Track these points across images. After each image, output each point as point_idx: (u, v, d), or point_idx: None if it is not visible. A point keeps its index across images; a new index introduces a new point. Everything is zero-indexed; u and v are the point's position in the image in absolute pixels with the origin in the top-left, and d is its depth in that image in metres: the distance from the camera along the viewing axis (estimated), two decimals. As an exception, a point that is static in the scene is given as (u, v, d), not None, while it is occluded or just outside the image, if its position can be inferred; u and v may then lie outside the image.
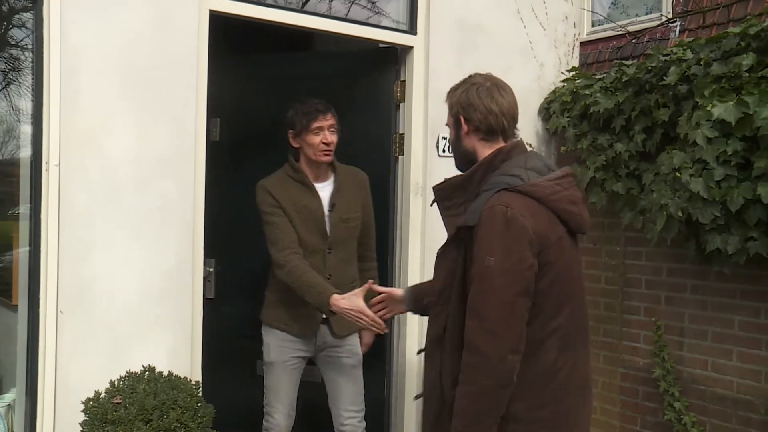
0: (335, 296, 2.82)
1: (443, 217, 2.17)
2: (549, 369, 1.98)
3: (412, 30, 3.71)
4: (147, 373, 2.58)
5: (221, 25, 3.21)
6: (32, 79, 2.75)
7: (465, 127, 2.12)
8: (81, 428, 2.44)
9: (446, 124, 2.23)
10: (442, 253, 2.13)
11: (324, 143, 3.05)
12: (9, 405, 2.91)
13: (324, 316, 3.05)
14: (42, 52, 2.71)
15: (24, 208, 2.92)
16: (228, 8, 3.16)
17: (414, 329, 3.71)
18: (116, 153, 2.87)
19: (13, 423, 2.91)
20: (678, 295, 3.55)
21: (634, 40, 4.11)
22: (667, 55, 3.39)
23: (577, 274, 2.09)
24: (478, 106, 2.09)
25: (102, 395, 2.49)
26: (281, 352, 3.15)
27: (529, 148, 3.93)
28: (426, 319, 3.59)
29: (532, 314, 1.94)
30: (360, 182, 3.26)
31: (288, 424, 3.19)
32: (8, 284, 3.28)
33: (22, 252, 2.96)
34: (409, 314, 3.66)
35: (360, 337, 3.31)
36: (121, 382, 2.52)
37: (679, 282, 3.55)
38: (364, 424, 3.25)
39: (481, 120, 2.09)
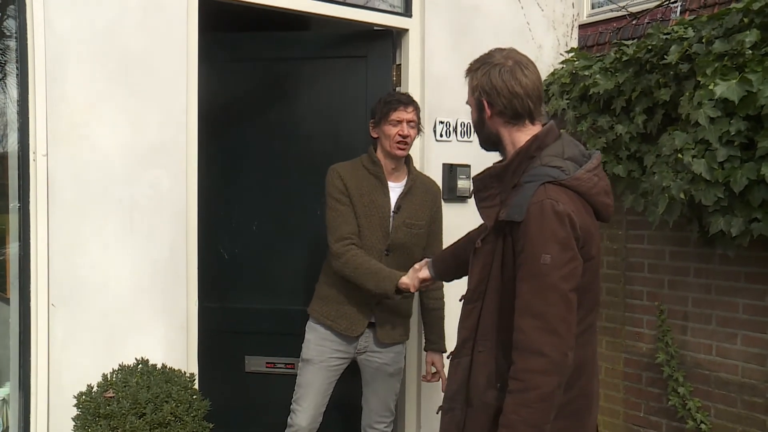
0: (404, 278, 2.76)
1: (479, 209, 2.04)
2: (581, 363, 1.89)
3: (407, 12, 3.64)
4: (140, 366, 2.53)
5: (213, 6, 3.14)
6: (17, 67, 2.68)
7: (488, 111, 1.99)
8: (74, 423, 2.40)
9: (467, 103, 2.09)
10: (479, 248, 2.00)
11: (400, 135, 2.94)
12: (3, 399, 2.88)
13: (372, 318, 3.00)
14: (26, 39, 2.65)
15: (13, 200, 2.86)
16: (218, -8, 3.09)
17: (413, 325, 3.65)
18: (105, 141, 2.81)
19: (7, 417, 2.87)
20: (681, 278, 3.49)
21: (634, 21, 4.04)
22: (667, 33, 3.32)
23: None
24: (501, 90, 1.95)
25: (95, 389, 2.44)
26: (321, 351, 3.05)
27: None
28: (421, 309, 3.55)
29: None
30: (433, 193, 3.14)
31: (312, 428, 3.07)
32: (2, 276, 3.25)
33: (13, 245, 2.91)
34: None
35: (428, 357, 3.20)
36: (114, 376, 2.47)
37: (682, 265, 3.49)
38: (391, 428, 3.21)
39: (505, 104, 1.95)
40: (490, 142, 2.06)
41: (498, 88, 1.95)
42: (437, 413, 2.15)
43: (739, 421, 3.25)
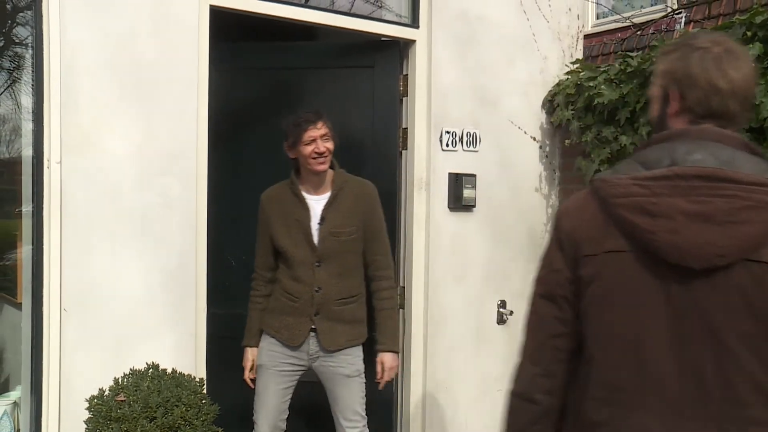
0: (248, 349, 3.16)
1: None
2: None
3: (414, 23, 3.69)
4: (151, 370, 2.57)
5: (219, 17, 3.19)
6: (32, 76, 2.73)
7: (675, 105, 1.57)
8: (85, 426, 2.44)
9: (649, 94, 1.70)
10: None
11: (317, 153, 3.00)
12: (15, 402, 2.92)
13: (313, 326, 3.05)
14: (42, 49, 2.71)
15: (27, 206, 2.91)
16: (229, 3, 3.15)
17: (419, 331, 3.69)
18: (117, 150, 2.86)
19: (18, 421, 2.91)
20: (684, 288, 3.51)
21: (639, 32, 4.08)
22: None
23: (660, 318, 1.47)
24: (698, 80, 1.53)
25: (106, 393, 2.48)
26: (272, 357, 3.11)
27: (535, 143, 3.97)
28: (428, 318, 3.59)
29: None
30: (361, 195, 3.15)
31: None
32: (13, 282, 3.30)
33: (26, 250, 2.96)
34: (414, 311, 3.66)
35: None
36: (125, 380, 2.51)
37: (685, 275, 3.50)
38: None
39: (700, 99, 1.53)
40: None
41: (694, 77, 1.53)
42: None
43: None
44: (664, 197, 1.44)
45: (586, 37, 4.36)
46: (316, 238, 3.04)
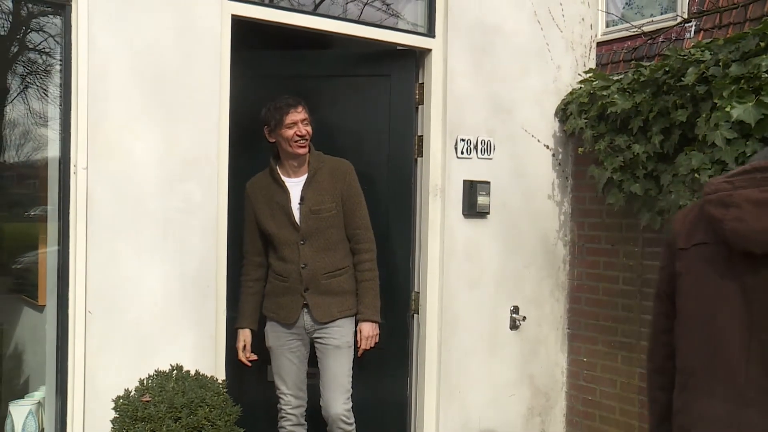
0: (239, 330, 3.41)
1: None
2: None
3: (430, 33, 3.75)
4: (175, 372, 2.62)
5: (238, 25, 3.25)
6: (60, 84, 2.80)
7: None
8: (111, 425, 2.49)
9: None
10: None
11: (298, 135, 3.23)
12: (39, 402, 2.97)
13: (305, 302, 3.27)
14: (70, 58, 2.77)
15: (52, 209, 2.97)
16: (250, 13, 3.21)
17: (433, 336, 3.74)
18: (141, 156, 2.93)
19: (43, 420, 2.97)
20: (696, 295, 3.55)
21: (649, 41, 4.13)
22: (684, 55, 3.41)
23: (733, 307, 1.55)
24: None
25: (132, 393, 2.54)
26: (277, 337, 3.37)
27: (548, 151, 4.03)
28: (442, 323, 3.64)
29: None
30: (337, 172, 3.34)
31: (298, 402, 3.37)
32: (34, 284, 3.35)
33: (50, 252, 3.02)
34: (429, 316, 3.72)
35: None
36: (150, 381, 2.57)
37: (697, 282, 3.55)
38: (348, 405, 3.31)
39: None
40: None
41: None
42: None
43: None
44: (741, 189, 1.51)
45: (597, 44, 4.41)
46: (297, 218, 3.26)
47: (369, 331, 3.37)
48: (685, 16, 4.08)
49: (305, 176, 3.32)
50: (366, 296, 3.36)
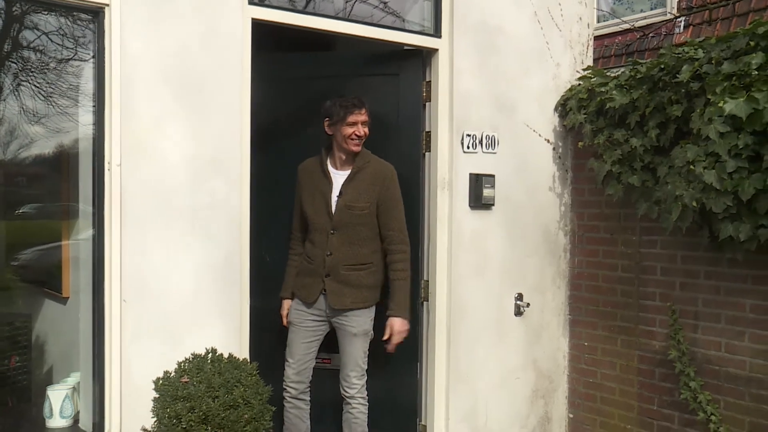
0: (283, 300, 3.70)
1: None
2: None
3: (437, 33, 3.92)
4: (210, 354, 2.79)
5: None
6: (95, 85, 2.96)
7: None
8: (153, 404, 2.66)
9: None
10: None
11: (357, 135, 3.47)
12: (73, 387, 3.14)
13: (324, 288, 3.50)
14: (104, 61, 2.94)
15: (84, 205, 3.13)
16: (269, 16, 3.38)
17: (442, 323, 3.93)
18: (170, 154, 3.09)
19: (78, 403, 3.13)
20: (692, 281, 3.76)
21: (640, 36, 4.29)
22: (679, 54, 3.59)
23: None
24: None
25: (172, 375, 2.70)
26: (298, 315, 3.61)
27: (549, 145, 4.22)
28: (450, 310, 3.82)
29: None
30: (378, 175, 3.54)
31: (298, 379, 3.60)
32: (58, 278, 3.51)
33: (82, 245, 3.18)
34: (438, 304, 3.90)
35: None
36: (187, 363, 2.73)
37: (693, 269, 3.76)
38: (362, 381, 3.56)
39: None
40: None
41: None
42: None
43: (747, 413, 3.51)
44: None
45: (596, 38, 4.57)
46: (333, 209, 3.46)
47: (400, 326, 3.56)
48: (675, 12, 4.26)
49: (349, 172, 3.52)
50: (398, 294, 3.55)
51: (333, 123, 3.50)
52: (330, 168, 3.55)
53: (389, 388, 3.94)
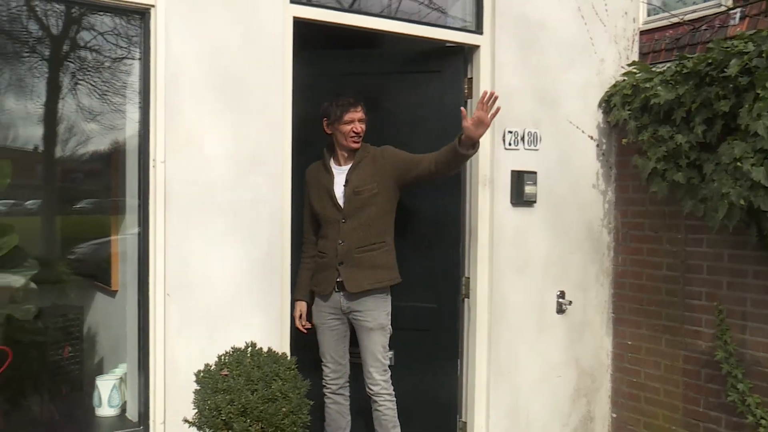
0: (296, 302, 3.71)
1: None
2: None
3: (478, 30, 3.91)
4: (249, 348, 2.85)
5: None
6: (141, 85, 3.04)
7: None
8: (194, 396, 2.73)
9: None
10: None
11: (354, 132, 3.54)
12: (121, 378, 3.23)
13: (339, 278, 3.54)
14: (149, 61, 3.01)
15: (130, 200, 3.22)
16: (310, 15, 3.42)
17: (483, 319, 3.92)
18: (212, 151, 3.15)
19: (125, 393, 3.23)
20: (740, 280, 3.68)
21: (692, 29, 4.19)
22: (727, 47, 3.51)
23: None
24: None
25: (212, 368, 2.77)
26: (319, 315, 3.67)
27: (592, 142, 4.17)
28: (491, 306, 3.80)
29: None
30: (378, 157, 3.60)
31: (335, 376, 3.67)
32: (107, 271, 3.61)
33: (129, 240, 3.27)
34: (479, 300, 3.89)
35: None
36: (227, 357, 2.79)
37: (740, 268, 3.67)
38: (385, 376, 3.56)
39: None
40: None
41: None
42: None
43: (796, 415, 3.43)
44: None
45: (642, 33, 4.49)
46: (341, 200, 3.56)
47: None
48: (730, 4, 4.15)
49: (352, 164, 3.60)
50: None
51: (331, 122, 3.58)
52: (333, 166, 3.64)
53: (429, 384, 3.95)
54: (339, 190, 3.58)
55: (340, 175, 3.60)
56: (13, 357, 3.15)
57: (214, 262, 3.16)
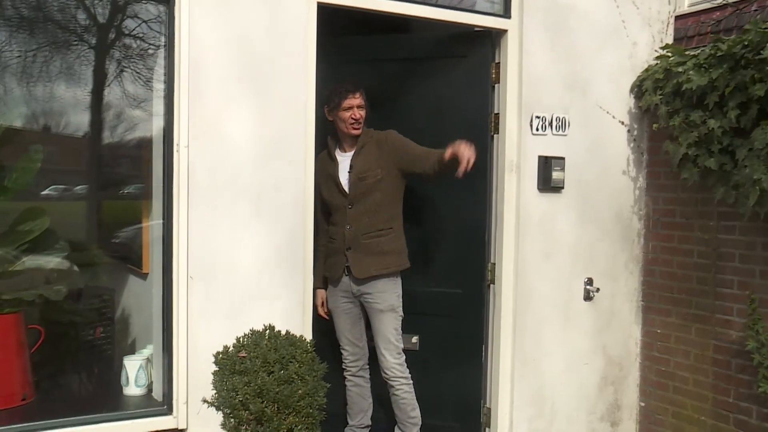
0: (315, 290, 3.68)
1: None
2: None
3: (506, 14, 3.86)
4: (267, 331, 2.88)
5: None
6: (165, 71, 3.08)
7: None
8: (213, 377, 2.78)
9: None
10: None
11: (353, 118, 3.60)
12: (147, 359, 3.31)
13: (347, 263, 3.61)
14: (173, 46, 3.05)
15: (156, 186, 3.27)
16: (334, 0, 3.41)
17: (509, 306, 3.90)
18: (235, 135, 3.18)
19: (151, 373, 3.30)
20: (773, 269, 3.59)
21: (737, 11, 4.06)
22: (765, 29, 3.40)
23: None
24: None
25: (230, 350, 2.81)
26: (332, 299, 3.77)
27: (623, 127, 4.09)
28: (517, 293, 3.78)
29: None
30: (381, 141, 3.63)
31: (356, 357, 3.76)
32: (138, 255, 3.69)
33: (155, 225, 3.33)
34: (504, 287, 3.87)
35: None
36: (245, 339, 2.83)
37: (774, 256, 3.59)
38: (398, 359, 3.60)
39: None
40: None
41: None
42: None
43: (828, 408, 3.34)
44: None
45: (681, 17, 4.33)
46: (347, 186, 3.62)
47: (465, 144, 3.32)
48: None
49: (355, 149, 3.65)
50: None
51: (331, 110, 3.64)
52: (338, 153, 3.70)
53: (454, 370, 3.96)
54: (344, 176, 3.64)
55: (344, 161, 3.66)
56: (48, 336, 3.25)
57: (236, 246, 3.20)
